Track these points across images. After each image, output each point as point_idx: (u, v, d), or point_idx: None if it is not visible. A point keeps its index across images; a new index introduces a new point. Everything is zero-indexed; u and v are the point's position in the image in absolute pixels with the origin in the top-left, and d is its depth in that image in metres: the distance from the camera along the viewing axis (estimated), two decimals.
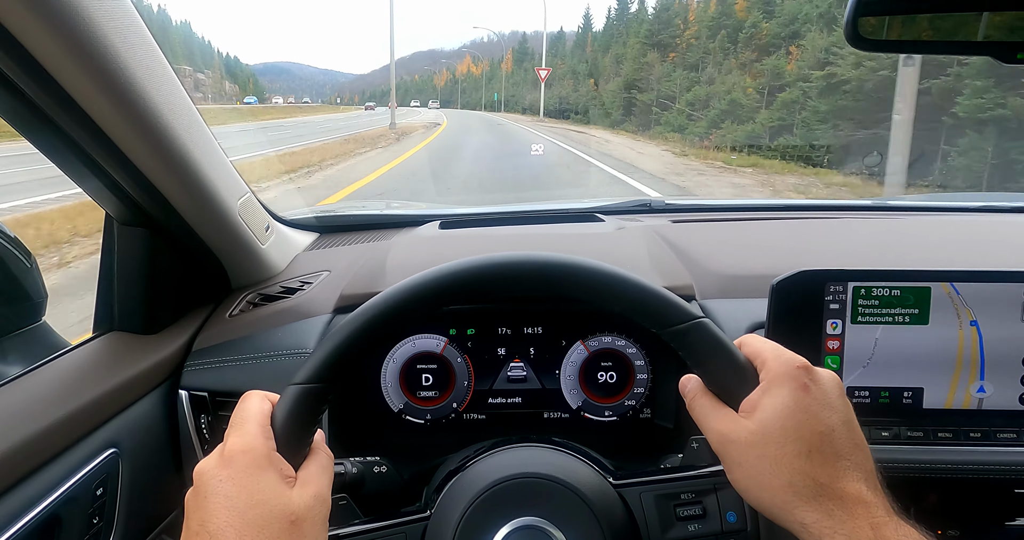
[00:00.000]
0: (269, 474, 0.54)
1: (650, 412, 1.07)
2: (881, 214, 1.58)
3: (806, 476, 0.53)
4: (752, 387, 0.58)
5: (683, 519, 0.70)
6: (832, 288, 0.86)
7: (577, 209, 1.61)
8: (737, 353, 0.60)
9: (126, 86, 0.73)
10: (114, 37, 0.70)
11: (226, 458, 0.54)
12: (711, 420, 0.59)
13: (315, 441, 0.61)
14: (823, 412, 0.55)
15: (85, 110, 0.73)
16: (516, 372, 1.07)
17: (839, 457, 0.54)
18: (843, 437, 0.55)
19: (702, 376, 0.61)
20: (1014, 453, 0.85)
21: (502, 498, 0.68)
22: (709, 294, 1.08)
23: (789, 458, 0.53)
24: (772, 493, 0.54)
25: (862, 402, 0.87)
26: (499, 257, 0.63)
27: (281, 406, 0.58)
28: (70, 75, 0.68)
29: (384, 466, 0.82)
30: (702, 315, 0.61)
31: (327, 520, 0.56)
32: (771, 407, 0.55)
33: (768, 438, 0.54)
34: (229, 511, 0.51)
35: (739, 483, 0.57)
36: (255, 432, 0.56)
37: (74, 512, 0.78)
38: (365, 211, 1.68)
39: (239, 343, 1.04)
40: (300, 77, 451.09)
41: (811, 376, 0.57)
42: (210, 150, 0.94)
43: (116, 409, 0.89)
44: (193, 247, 1.04)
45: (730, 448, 0.56)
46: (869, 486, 0.53)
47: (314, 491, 0.56)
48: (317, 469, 0.58)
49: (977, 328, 0.85)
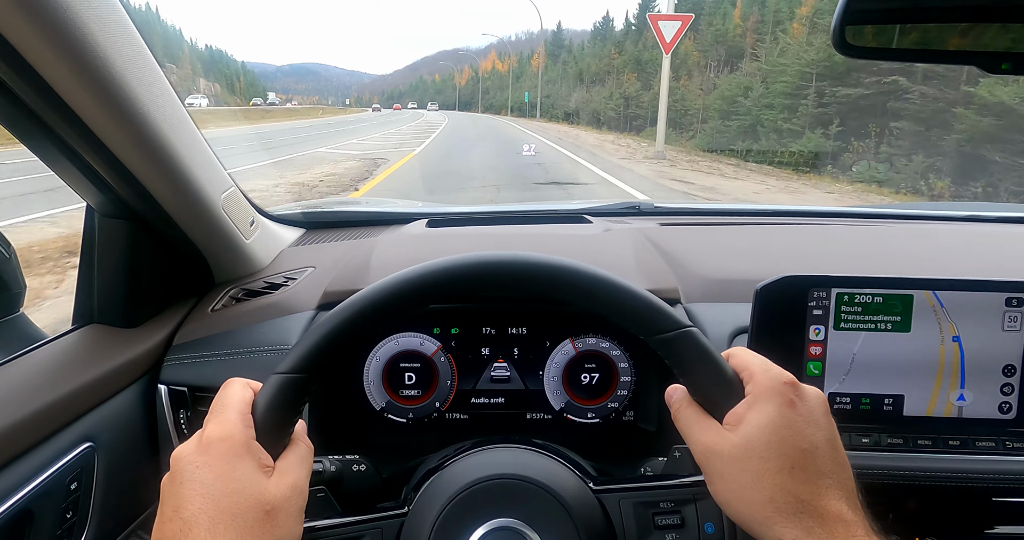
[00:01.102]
0: (246, 462, 0.53)
1: (633, 414, 1.07)
2: (868, 221, 1.59)
3: (787, 492, 0.53)
4: (738, 400, 0.57)
5: (661, 528, 0.70)
6: (816, 294, 0.86)
7: (565, 210, 1.61)
8: (724, 365, 0.60)
9: (106, 77, 0.72)
10: (95, 27, 0.69)
11: (204, 444, 0.54)
12: (695, 431, 0.59)
13: (296, 431, 0.60)
14: (808, 429, 0.55)
15: (65, 100, 0.71)
16: (500, 372, 1.07)
17: (821, 475, 0.54)
18: (826, 455, 0.55)
19: (688, 386, 0.61)
20: (993, 461, 0.85)
21: (480, 498, 0.68)
22: (694, 298, 1.08)
23: (771, 473, 0.53)
24: (752, 507, 0.54)
25: (843, 408, 0.87)
26: (487, 256, 0.63)
27: (263, 395, 0.58)
28: (49, 65, 0.67)
29: (363, 465, 0.81)
30: (691, 324, 0.61)
31: (303, 511, 0.56)
32: (756, 421, 0.55)
33: (751, 452, 0.54)
34: (204, 498, 0.51)
35: (720, 495, 0.57)
36: (235, 419, 0.56)
37: (47, 506, 0.77)
38: (353, 208, 1.67)
39: (221, 338, 1.03)
40: (326, 78, 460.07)
41: (797, 392, 0.57)
42: (194, 143, 0.93)
43: (93, 403, 0.88)
44: (176, 240, 1.03)
45: (713, 460, 0.56)
46: (850, 505, 0.54)
47: (291, 481, 0.55)
48: (296, 459, 0.58)
49: (958, 336, 0.85)
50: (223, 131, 25.50)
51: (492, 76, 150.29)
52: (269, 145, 19.52)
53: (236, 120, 41.89)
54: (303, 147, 18.48)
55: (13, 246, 0.98)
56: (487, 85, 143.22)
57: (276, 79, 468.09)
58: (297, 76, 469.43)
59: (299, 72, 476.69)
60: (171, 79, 0.86)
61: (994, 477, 0.85)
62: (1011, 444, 0.86)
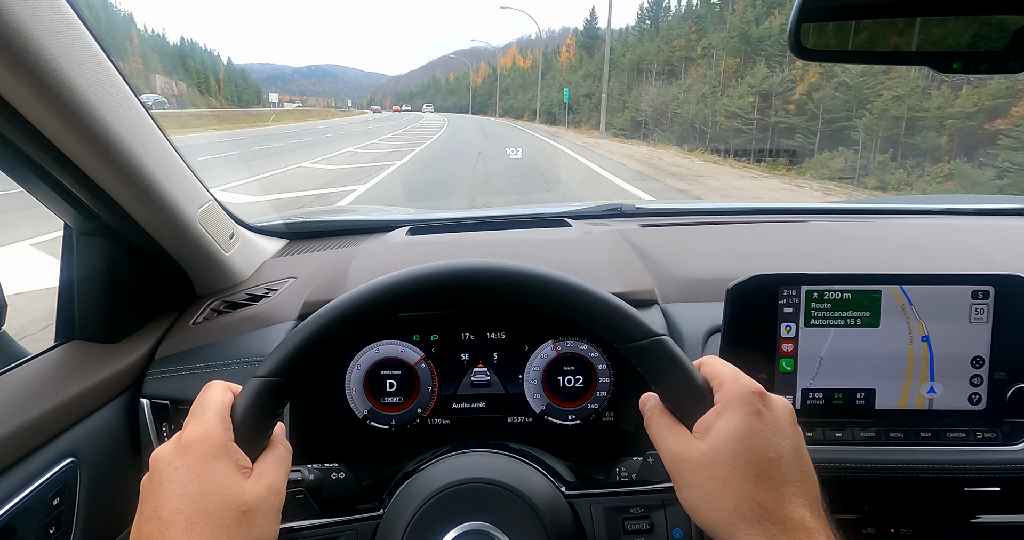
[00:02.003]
0: (224, 463, 0.54)
1: (612, 415, 1.08)
2: (846, 217, 1.61)
3: (752, 500, 0.54)
4: (707, 408, 0.58)
5: (631, 532, 0.71)
6: (786, 292, 0.87)
7: (547, 214, 1.62)
8: (695, 373, 0.61)
9: (71, 100, 0.72)
10: (58, 53, 0.68)
11: (183, 445, 0.55)
12: (665, 438, 0.60)
13: (275, 434, 0.61)
14: (774, 438, 0.56)
15: (30, 121, 0.71)
16: (480, 377, 1.07)
17: (785, 483, 0.55)
18: (791, 464, 0.56)
19: (659, 393, 0.62)
20: (964, 452, 0.87)
21: (453, 502, 0.69)
22: (671, 298, 1.09)
23: (737, 481, 0.54)
24: (718, 515, 0.55)
25: (816, 404, 0.89)
26: (462, 264, 0.64)
27: (242, 397, 0.59)
28: (11, 87, 0.67)
29: (342, 473, 0.82)
30: (662, 333, 0.62)
31: (280, 512, 0.57)
32: (723, 430, 0.56)
33: (718, 460, 0.55)
34: (181, 498, 0.52)
35: (687, 502, 0.58)
36: (214, 421, 0.57)
37: (28, 523, 0.77)
38: (335, 217, 1.68)
39: (203, 351, 1.04)
40: (344, 79, 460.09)
41: (765, 402, 0.58)
42: (165, 159, 0.93)
43: (75, 418, 0.88)
44: (155, 256, 1.04)
45: (681, 467, 0.57)
46: (813, 513, 0.55)
47: (268, 483, 0.56)
48: (274, 461, 0.59)
49: (926, 330, 0.87)
50: (187, 137, 22.73)
51: (512, 73, 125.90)
52: (230, 159, 17.35)
53: (206, 124, 38.71)
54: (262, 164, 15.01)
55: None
56: (505, 83, 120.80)
57: (293, 80, 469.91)
58: (315, 78, 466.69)
59: (317, 74, 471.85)
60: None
61: (965, 468, 0.86)
62: (981, 434, 0.88)
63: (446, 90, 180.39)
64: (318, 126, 41.37)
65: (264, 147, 21.26)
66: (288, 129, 36.22)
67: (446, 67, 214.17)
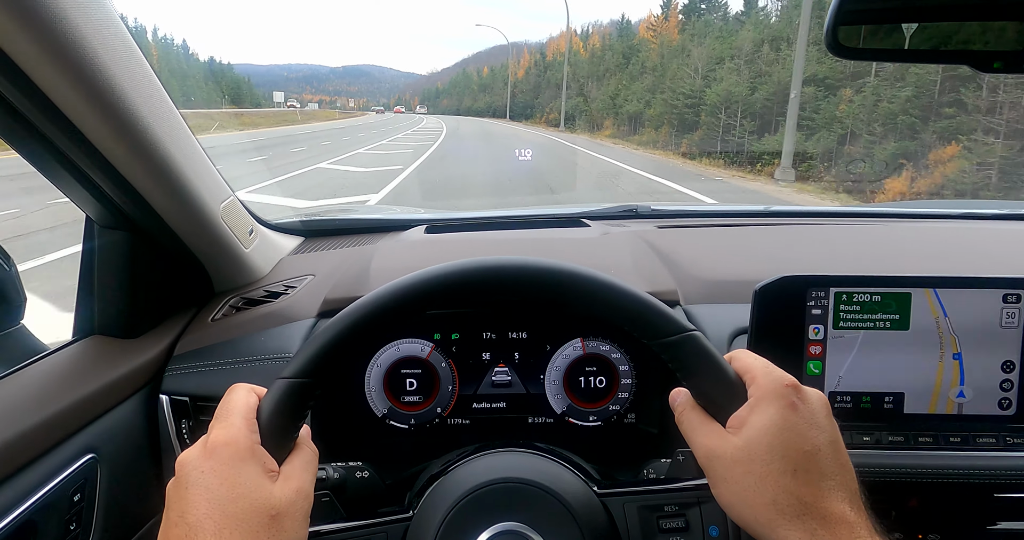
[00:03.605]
0: (251, 467, 0.54)
1: (635, 417, 1.07)
2: (865, 221, 1.60)
3: (790, 494, 0.53)
4: (741, 403, 0.58)
5: (665, 531, 0.70)
6: (814, 294, 0.86)
7: (564, 214, 1.61)
8: (727, 368, 0.60)
9: (107, 91, 0.73)
10: (95, 43, 0.69)
11: (209, 449, 0.54)
12: (698, 435, 0.59)
13: (300, 436, 0.61)
14: (810, 431, 0.55)
15: (64, 113, 0.72)
16: (501, 377, 1.07)
17: (824, 477, 0.54)
18: (828, 457, 0.55)
19: (691, 389, 0.61)
20: (993, 457, 0.86)
21: (484, 502, 0.68)
22: (693, 299, 1.08)
23: (774, 476, 0.53)
24: (756, 510, 0.54)
25: (844, 407, 0.87)
26: (489, 261, 0.63)
27: (268, 399, 0.58)
28: (49, 79, 0.67)
29: (366, 471, 0.81)
30: (694, 328, 0.61)
31: (308, 515, 0.56)
32: (758, 424, 0.55)
33: (754, 455, 0.54)
34: (209, 503, 0.51)
35: (723, 499, 0.57)
36: (239, 424, 0.56)
37: (50, 518, 0.77)
38: (351, 215, 1.68)
39: (221, 347, 1.03)
40: (380, 80, 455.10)
41: (799, 395, 0.57)
42: (192, 154, 0.93)
43: (95, 414, 0.88)
44: (175, 250, 1.03)
45: (716, 463, 0.57)
46: (853, 506, 0.54)
47: (296, 486, 0.56)
48: (301, 464, 0.58)
49: (956, 333, 0.86)
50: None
51: (554, 66, 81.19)
52: None
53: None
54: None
55: (12, 259, 0.98)
56: (550, 75, 78.18)
57: (329, 81, 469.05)
58: (350, 78, 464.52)
59: (353, 74, 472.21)
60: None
61: (995, 473, 0.85)
62: (1011, 440, 0.87)
63: (477, 87, 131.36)
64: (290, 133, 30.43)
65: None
66: (253, 136, 28.18)
67: (481, 62, 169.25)
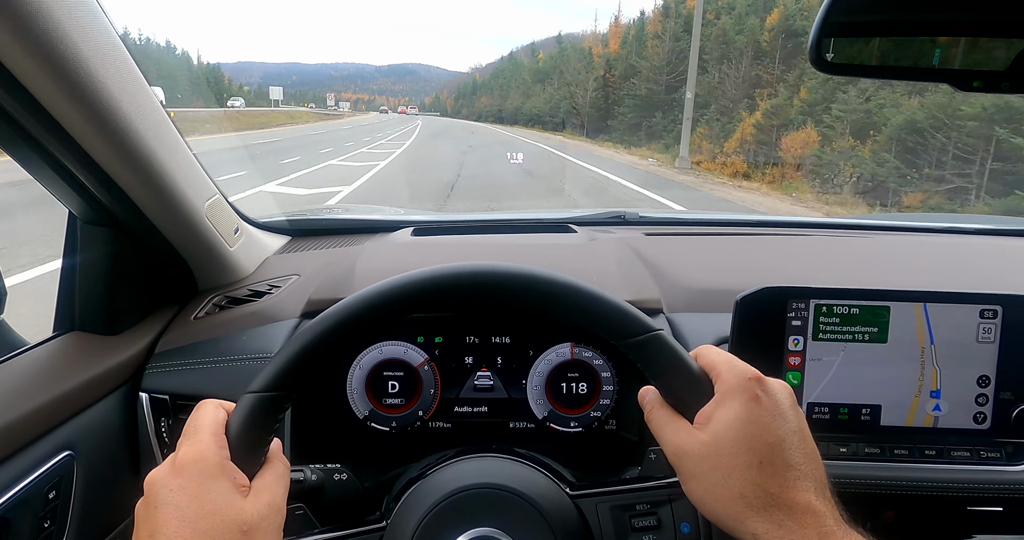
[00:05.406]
0: (221, 483, 0.53)
1: (615, 424, 1.07)
2: (849, 233, 1.61)
3: (757, 487, 0.53)
4: (707, 399, 0.58)
5: (638, 530, 0.71)
6: (795, 305, 0.87)
7: (550, 219, 1.62)
8: (693, 365, 0.61)
9: (89, 86, 0.72)
10: (78, 38, 0.69)
11: (177, 467, 0.54)
12: (667, 432, 0.60)
13: (271, 450, 0.60)
14: (774, 423, 0.56)
15: (45, 107, 0.71)
16: (483, 381, 1.07)
17: (789, 467, 0.54)
18: (794, 447, 0.56)
19: (659, 388, 0.62)
20: (968, 471, 0.87)
21: (459, 508, 0.68)
22: (677, 307, 1.09)
23: (740, 469, 0.54)
24: (724, 504, 0.55)
25: (821, 418, 0.88)
26: (459, 267, 0.63)
27: (236, 415, 0.58)
28: (31, 74, 0.67)
29: (344, 474, 0.81)
30: (659, 328, 0.62)
31: (281, 529, 0.56)
32: (724, 419, 0.56)
33: (720, 450, 0.55)
34: (180, 521, 0.51)
35: (693, 494, 0.57)
36: (208, 441, 0.55)
37: (24, 515, 0.76)
38: (339, 215, 1.67)
39: (203, 346, 1.03)
40: (425, 78, 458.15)
41: (762, 387, 0.57)
42: (177, 151, 0.92)
43: (73, 411, 0.87)
44: (159, 248, 1.03)
45: (684, 460, 0.57)
46: (819, 496, 0.54)
47: (268, 500, 0.55)
48: (272, 478, 0.58)
49: (934, 347, 0.87)
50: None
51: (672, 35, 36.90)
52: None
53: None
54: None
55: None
56: (650, 64, 38.08)
57: (373, 80, 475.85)
58: (395, 76, 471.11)
59: (398, 72, 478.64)
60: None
61: (969, 487, 0.86)
62: (985, 454, 0.88)
63: (530, 77, 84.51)
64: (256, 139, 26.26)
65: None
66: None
67: (529, 53, 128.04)
